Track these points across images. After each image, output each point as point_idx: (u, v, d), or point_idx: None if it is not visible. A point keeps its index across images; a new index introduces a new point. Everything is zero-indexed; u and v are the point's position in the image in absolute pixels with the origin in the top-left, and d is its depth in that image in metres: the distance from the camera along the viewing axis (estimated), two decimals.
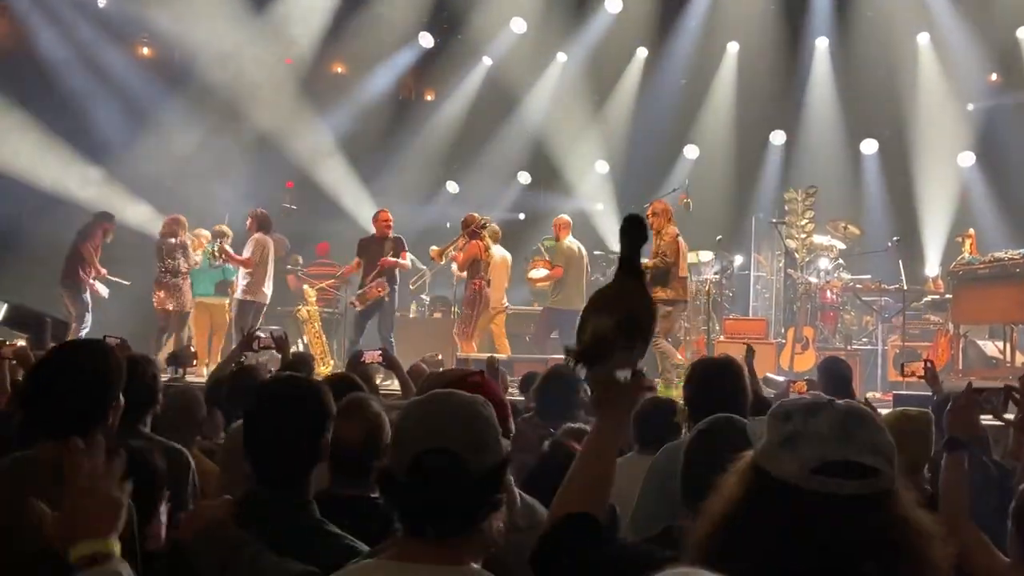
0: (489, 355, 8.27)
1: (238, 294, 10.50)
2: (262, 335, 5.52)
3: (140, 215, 12.39)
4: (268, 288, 10.55)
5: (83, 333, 9.85)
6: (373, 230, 10.56)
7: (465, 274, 10.16)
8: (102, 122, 12.52)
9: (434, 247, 10.75)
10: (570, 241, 10.69)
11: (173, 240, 10.72)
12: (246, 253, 10.48)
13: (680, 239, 9.37)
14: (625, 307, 1.79)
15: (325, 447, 2.34)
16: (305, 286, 11.75)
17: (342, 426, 2.61)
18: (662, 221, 9.39)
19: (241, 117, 12.94)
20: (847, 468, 1.35)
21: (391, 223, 10.41)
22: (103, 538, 1.65)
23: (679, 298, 9.29)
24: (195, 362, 8.65)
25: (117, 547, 1.67)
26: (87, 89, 12.58)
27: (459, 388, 1.92)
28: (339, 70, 14.88)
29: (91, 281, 10.38)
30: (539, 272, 10.72)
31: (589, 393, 1.84)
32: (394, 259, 10.21)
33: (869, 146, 14.31)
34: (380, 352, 5.55)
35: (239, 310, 10.43)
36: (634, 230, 1.91)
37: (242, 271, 10.45)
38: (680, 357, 9.37)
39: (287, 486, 2.28)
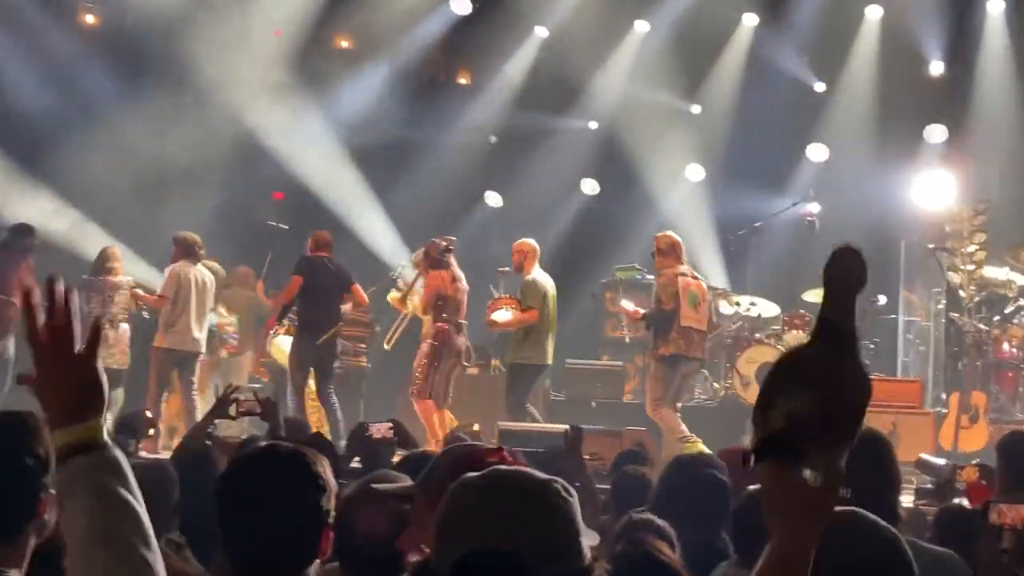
0: (570, 425, 7.92)
1: (156, 341, 10.87)
2: (242, 397, 5.59)
3: (82, 238, 12.61)
4: (197, 332, 10.85)
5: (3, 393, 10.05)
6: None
7: (429, 317, 10.34)
8: (30, 112, 12.81)
9: (394, 293, 10.83)
10: (540, 275, 10.72)
11: (111, 279, 10.94)
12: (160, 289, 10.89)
13: (683, 279, 9.85)
14: (835, 384, 1.70)
15: (325, 537, 2.40)
16: None
17: (363, 513, 2.66)
18: (667, 260, 9.93)
19: (215, 107, 13.17)
20: None
21: None
22: (84, 422, 1.74)
23: (682, 353, 9.79)
24: (151, 431, 8.77)
25: (103, 433, 1.76)
26: (9, 69, 12.89)
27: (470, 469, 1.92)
28: (344, 44, 15.13)
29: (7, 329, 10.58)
30: (504, 314, 10.69)
31: (762, 497, 1.75)
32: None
33: None
34: (391, 425, 5.62)
35: (154, 362, 10.74)
36: (847, 270, 1.77)
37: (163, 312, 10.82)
38: (683, 429, 9.63)
39: None
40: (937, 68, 14.63)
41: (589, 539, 1.83)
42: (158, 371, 10.73)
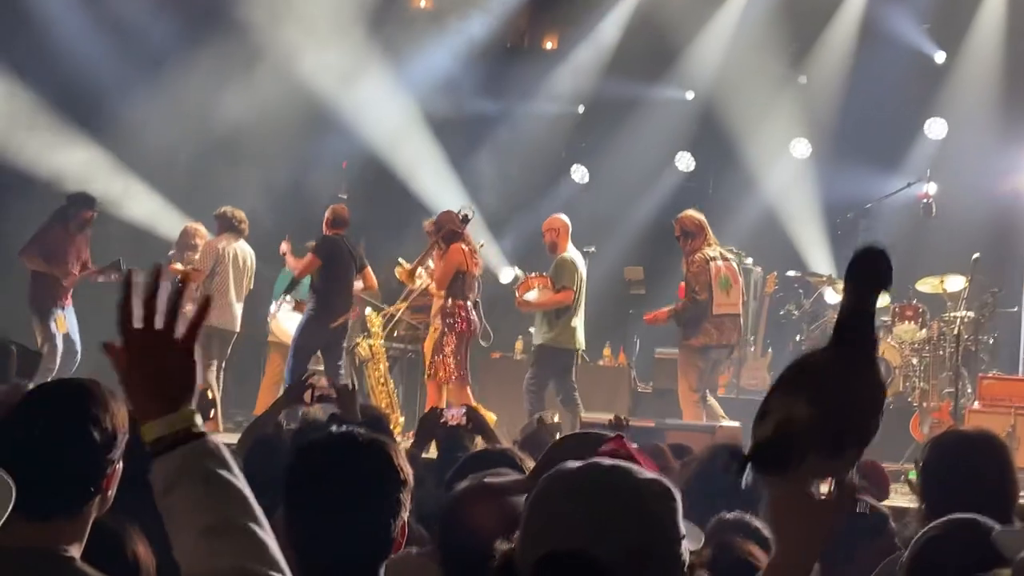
0: (615, 415, 8.35)
1: None
2: (318, 382, 5.67)
3: (144, 205, 12.85)
4: (236, 309, 11.23)
5: (51, 375, 10.30)
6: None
7: (442, 295, 10.41)
8: (94, 73, 13.03)
9: (401, 264, 10.96)
10: (575, 254, 10.75)
11: (194, 256, 11.37)
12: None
13: (716, 263, 10.03)
14: (837, 391, 1.76)
15: (401, 534, 2.42)
16: (368, 310, 12.04)
17: (468, 512, 2.71)
18: (696, 243, 10.06)
19: (283, 68, 13.29)
20: None
21: None
22: (178, 411, 1.79)
23: (714, 343, 10.08)
24: (213, 412, 8.96)
25: (199, 419, 1.81)
26: (74, 28, 13.09)
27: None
28: (423, 4, 15.19)
29: (61, 303, 10.88)
30: (536, 294, 10.69)
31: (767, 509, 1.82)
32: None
33: None
34: (465, 411, 5.73)
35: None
36: (870, 271, 1.86)
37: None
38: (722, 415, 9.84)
39: None
40: None
41: (692, 541, 1.84)
42: (201, 350, 11.00)
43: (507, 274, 13.83)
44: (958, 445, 3.58)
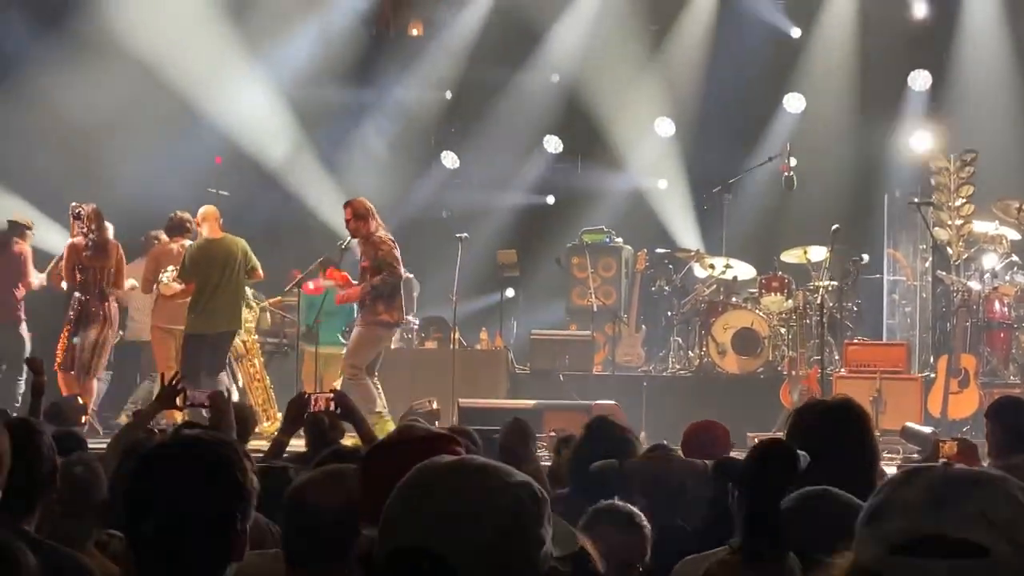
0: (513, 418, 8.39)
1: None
2: (189, 389, 5.56)
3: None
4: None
5: None
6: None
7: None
8: None
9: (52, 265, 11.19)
10: (207, 240, 10.68)
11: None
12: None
13: (394, 243, 10.25)
14: None
15: (241, 541, 2.38)
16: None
17: (319, 490, 2.67)
18: (369, 225, 10.16)
19: (145, 65, 13.00)
20: (940, 545, 1.41)
21: None
22: None
23: (402, 321, 10.76)
24: (84, 419, 8.74)
25: None
26: None
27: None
28: None
29: None
30: (166, 285, 10.79)
31: None
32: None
33: None
34: (332, 396, 5.59)
35: None
36: (777, 470, 1.90)
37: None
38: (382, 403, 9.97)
39: None
40: (920, 10, 14.63)
41: (564, 544, 1.81)
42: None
43: None
44: (818, 414, 3.59)
